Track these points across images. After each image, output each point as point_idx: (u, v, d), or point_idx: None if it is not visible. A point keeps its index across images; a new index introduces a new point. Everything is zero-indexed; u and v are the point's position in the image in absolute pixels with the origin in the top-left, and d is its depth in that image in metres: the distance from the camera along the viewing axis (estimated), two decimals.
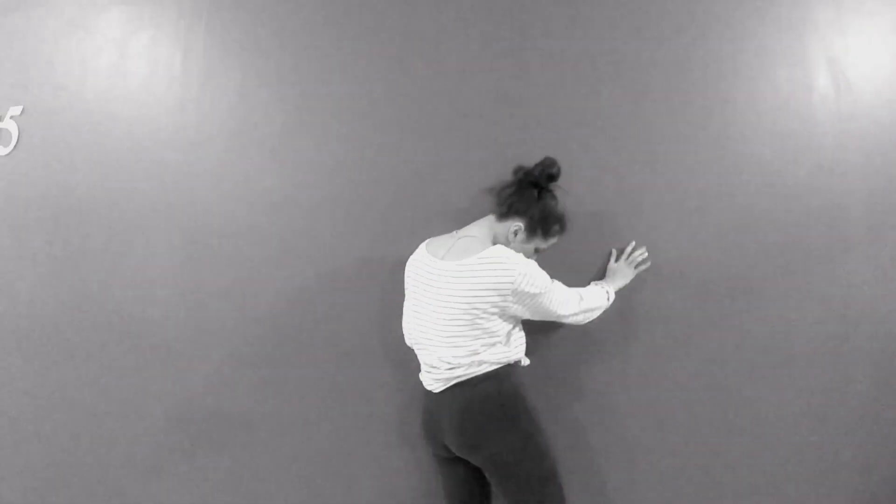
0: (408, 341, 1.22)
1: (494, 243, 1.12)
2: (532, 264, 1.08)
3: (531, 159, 1.22)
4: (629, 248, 1.33)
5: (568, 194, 1.23)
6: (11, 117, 1.82)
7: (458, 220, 1.28)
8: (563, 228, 1.22)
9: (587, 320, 1.20)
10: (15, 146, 1.81)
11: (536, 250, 1.20)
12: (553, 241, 1.22)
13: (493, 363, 1.10)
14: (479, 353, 1.08)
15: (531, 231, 1.16)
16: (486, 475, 1.14)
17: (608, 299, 1.23)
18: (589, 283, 1.29)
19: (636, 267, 1.32)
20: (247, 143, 1.57)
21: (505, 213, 1.16)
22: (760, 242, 1.36)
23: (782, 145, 1.39)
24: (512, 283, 1.03)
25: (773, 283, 1.36)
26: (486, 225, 1.18)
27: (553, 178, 1.17)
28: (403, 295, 1.25)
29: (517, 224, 1.15)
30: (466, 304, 1.05)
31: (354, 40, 1.53)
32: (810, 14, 1.43)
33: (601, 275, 1.35)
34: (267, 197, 1.54)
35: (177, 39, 1.65)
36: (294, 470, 1.49)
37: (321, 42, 1.55)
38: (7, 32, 1.90)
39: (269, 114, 1.56)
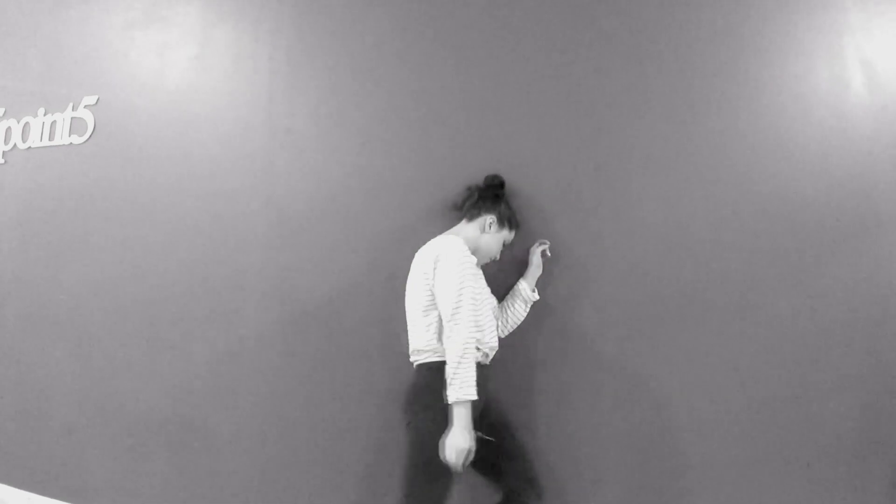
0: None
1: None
2: (464, 251, 1.20)
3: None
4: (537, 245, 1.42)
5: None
6: (86, 106, 1.85)
7: None
8: (519, 224, 1.40)
9: (455, 348, 1.13)
10: (91, 135, 1.84)
11: (504, 244, 1.35)
12: (514, 234, 1.38)
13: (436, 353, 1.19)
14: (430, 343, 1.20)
15: (501, 223, 1.33)
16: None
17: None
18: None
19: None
20: (333, 134, 1.64)
21: (476, 213, 1.33)
22: (800, 226, 1.45)
23: (821, 137, 1.54)
24: (438, 253, 1.19)
25: (803, 268, 1.44)
26: (453, 231, 1.34)
27: (503, 185, 1.39)
28: None
29: (490, 217, 1.32)
30: (416, 286, 1.22)
31: (435, 36, 1.63)
32: (845, 18, 1.60)
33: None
34: (356, 184, 1.61)
35: (259, 31, 1.72)
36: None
37: (405, 34, 1.64)
38: (81, 21, 1.92)
39: (357, 103, 1.63)
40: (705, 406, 1.40)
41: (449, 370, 1.10)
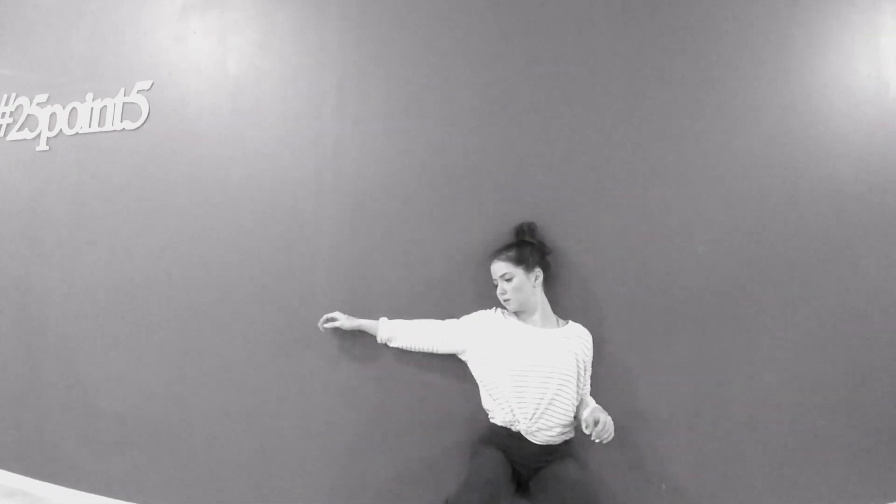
0: None
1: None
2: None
3: None
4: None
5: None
6: (139, 91, 1.79)
7: None
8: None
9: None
10: (145, 121, 1.77)
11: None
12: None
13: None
14: None
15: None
16: None
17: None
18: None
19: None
20: (405, 122, 1.60)
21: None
22: (844, 220, 1.49)
23: (863, 135, 1.53)
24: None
25: (850, 261, 1.47)
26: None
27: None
28: None
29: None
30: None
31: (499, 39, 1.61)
32: (882, 19, 1.61)
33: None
34: (427, 173, 1.57)
35: (327, 15, 1.68)
36: None
37: (474, 21, 1.61)
38: (132, 5, 1.86)
39: (429, 94, 1.60)
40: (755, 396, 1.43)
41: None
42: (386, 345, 1.46)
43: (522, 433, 1.28)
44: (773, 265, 1.47)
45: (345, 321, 1.46)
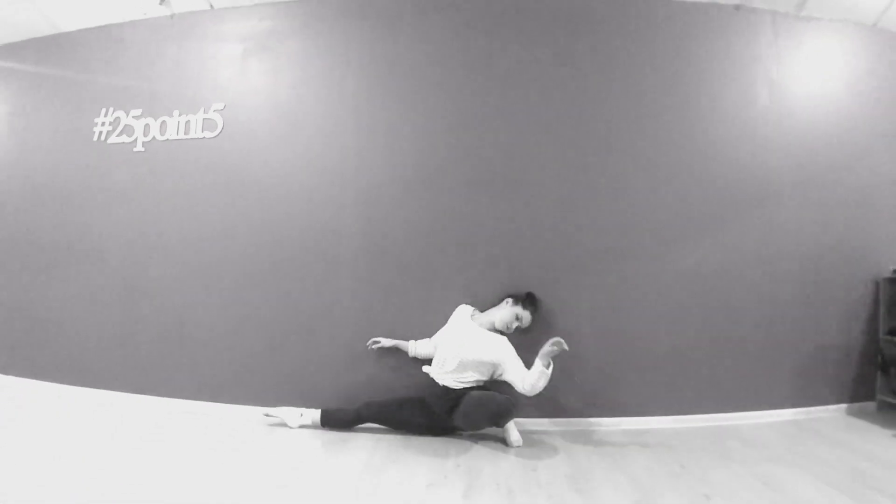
0: None
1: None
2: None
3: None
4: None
5: None
6: (215, 110, 2.53)
7: None
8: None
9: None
10: (220, 132, 2.52)
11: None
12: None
13: None
14: None
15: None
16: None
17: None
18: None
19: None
20: (397, 135, 2.41)
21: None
22: (722, 199, 2.41)
23: (736, 135, 2.45)
24: None
25: (723, 223, 2.40)
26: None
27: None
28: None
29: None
30: None
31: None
32: (757, 50, 2.51)
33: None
34: (423, 171, 2.39)
35: (348, 64, 2.45)
36: None
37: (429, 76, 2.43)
38: (203, 48, 2.62)
39: (410, 118, 2.41)
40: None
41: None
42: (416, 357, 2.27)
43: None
44: (664, 227, 2.36)
45: (385, 342, 2.25)
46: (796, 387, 2.40)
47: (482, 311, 2.27)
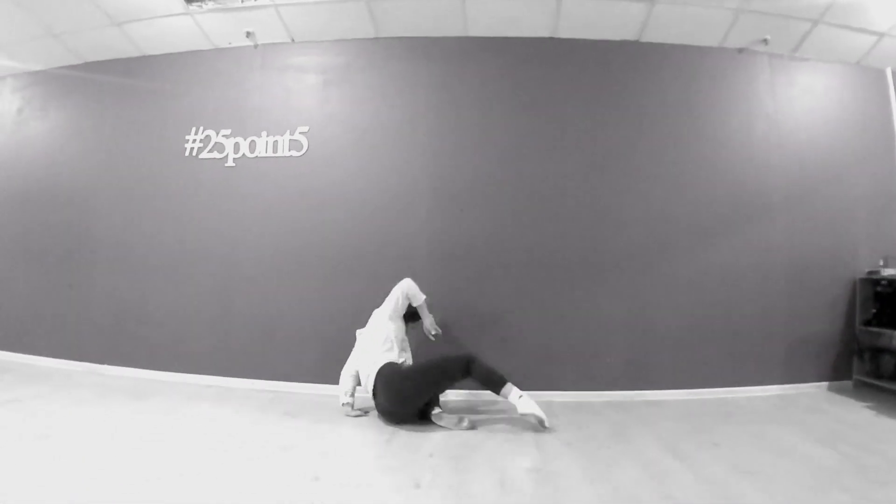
0: None
1: None
2: None
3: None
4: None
5: None
6: (301, 132, 2.92)
7: None
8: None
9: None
10: (305, 152, 2.91)
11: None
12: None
13: None
14: None
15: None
16: None
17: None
18: None
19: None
20: (455, 159, 2.84)
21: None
22: (726, 212, 2.92)
23: (736, 160, 2.96)
24: None
25: (726, 234, 2.91)
26: None
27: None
28: None
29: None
30: None
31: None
32: (756, 87, 3.00)
33: None
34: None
35: (417, 101, 2.86)
36: None
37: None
38: (293, 74, 3.00)
39: (465, 147, 2.84)
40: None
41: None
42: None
43: None
44: (677, 237, 2.86)
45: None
46: (784, 367, 2.93)
47: None
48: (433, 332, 2.51)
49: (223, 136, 3.01)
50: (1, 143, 3.49)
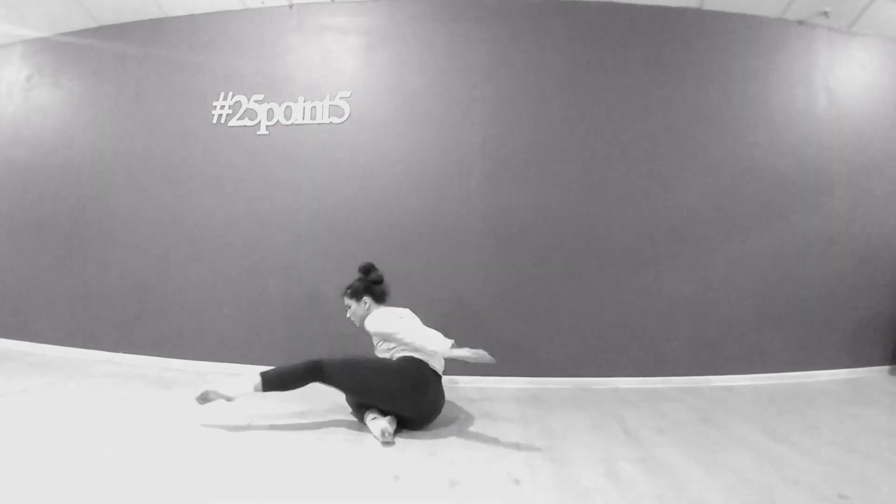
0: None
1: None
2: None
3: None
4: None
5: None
6: (342, 97, 2.71)
7: None
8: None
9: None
10: (347, 118, 2.70)
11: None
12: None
13: None
14: None
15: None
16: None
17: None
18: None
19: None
20: (512, 132, 2.67)
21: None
22: (789, 188, 2.78)
23: (799, 133, 2.82)
24: None
25: (791, 209, 2.77)
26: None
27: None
28: None
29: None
30: None
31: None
32: (814, 59, 2.89)
33: None
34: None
35: (470, 64, 2.69)
36: None
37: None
38: (333, 36, 2.80)
39: (526, 119, 2.68)
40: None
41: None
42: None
43: None
44: (740, 213, 2.71)
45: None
46: (849, 350, 2.78)
47: None
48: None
49: (255, 101, 2.79)
50: (8, 112, 3.22)
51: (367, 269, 2.09)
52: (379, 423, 1.75)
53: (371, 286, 2.07)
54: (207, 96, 2.84)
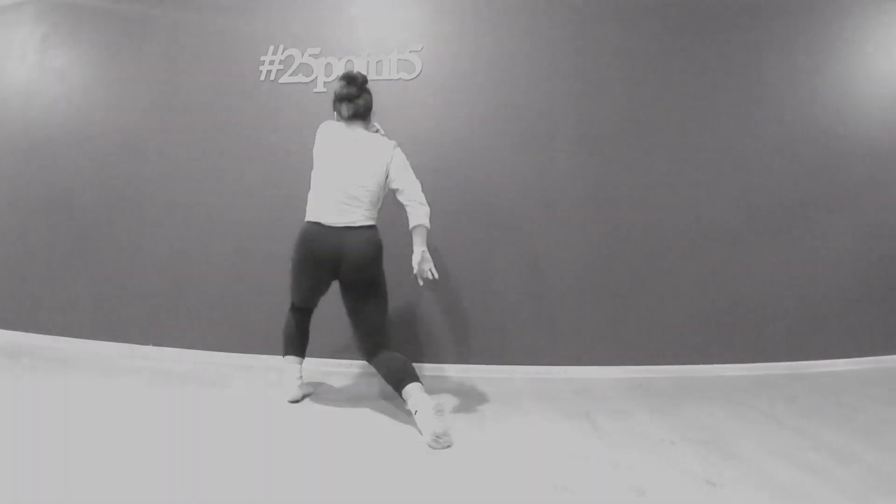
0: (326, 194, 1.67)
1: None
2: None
3: None
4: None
5: None
6: (412, 51, 2.35)
7: None
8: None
9: (421, 211, 1.72)
10: (418, 74, 2.34)
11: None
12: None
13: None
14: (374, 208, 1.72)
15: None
16: (358, 291, 1.70)
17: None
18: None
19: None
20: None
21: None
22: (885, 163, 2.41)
23: (878, 106, 2.43)
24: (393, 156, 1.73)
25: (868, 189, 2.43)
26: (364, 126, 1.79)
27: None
28: None
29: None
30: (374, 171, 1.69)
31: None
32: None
33: None
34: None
35: (556, 30, 2.34)
36: None
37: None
38: None
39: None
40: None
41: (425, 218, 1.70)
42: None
43: None
44: (841, 188, 2.36)
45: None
46: None
47: None
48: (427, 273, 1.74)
49: (310, 55, 2.42)
50: (21, 77, 2.84)
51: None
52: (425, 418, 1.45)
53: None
54: (254, 50, 2.47)
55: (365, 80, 1.79)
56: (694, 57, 2.35)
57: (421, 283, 1.74)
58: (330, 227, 1.66)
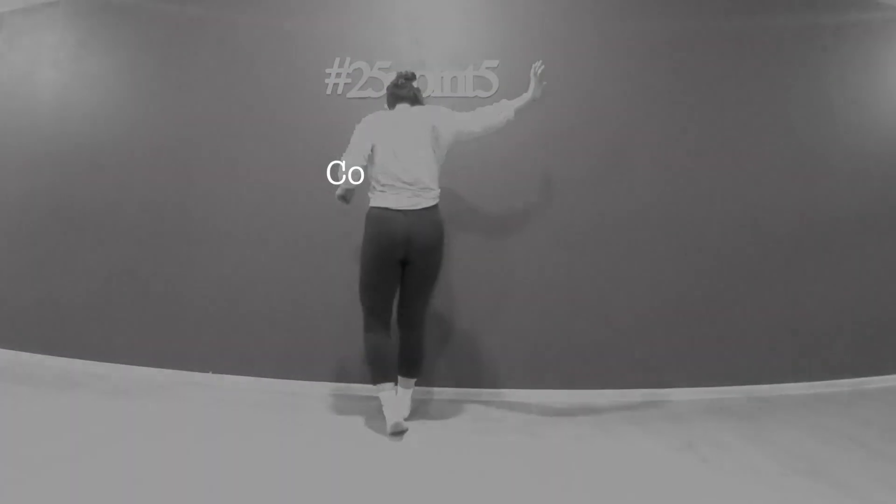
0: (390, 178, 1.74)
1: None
2: None
3: None
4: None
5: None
6: (488, 67, 2.27)
7: None
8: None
9: (493, 129, 1.88)
10: (496, 91, 2.26)
11: None
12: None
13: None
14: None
15: None
16: (420, 275, 1.77)
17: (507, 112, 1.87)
18: None
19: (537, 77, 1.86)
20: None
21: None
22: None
23: None
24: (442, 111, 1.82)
25: None
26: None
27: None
28: None
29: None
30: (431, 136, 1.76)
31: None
32: None
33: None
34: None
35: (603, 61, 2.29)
36: None
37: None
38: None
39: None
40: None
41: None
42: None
43: None
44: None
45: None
46: None
47: None
48: None
49: (380, 69, 2.32)
50: (55, 82, 2.67)
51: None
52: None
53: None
54: (319, 63, 2.35)
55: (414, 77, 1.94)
56: (776, 78, 2.35)
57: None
58: (396, 211, 1.72)
